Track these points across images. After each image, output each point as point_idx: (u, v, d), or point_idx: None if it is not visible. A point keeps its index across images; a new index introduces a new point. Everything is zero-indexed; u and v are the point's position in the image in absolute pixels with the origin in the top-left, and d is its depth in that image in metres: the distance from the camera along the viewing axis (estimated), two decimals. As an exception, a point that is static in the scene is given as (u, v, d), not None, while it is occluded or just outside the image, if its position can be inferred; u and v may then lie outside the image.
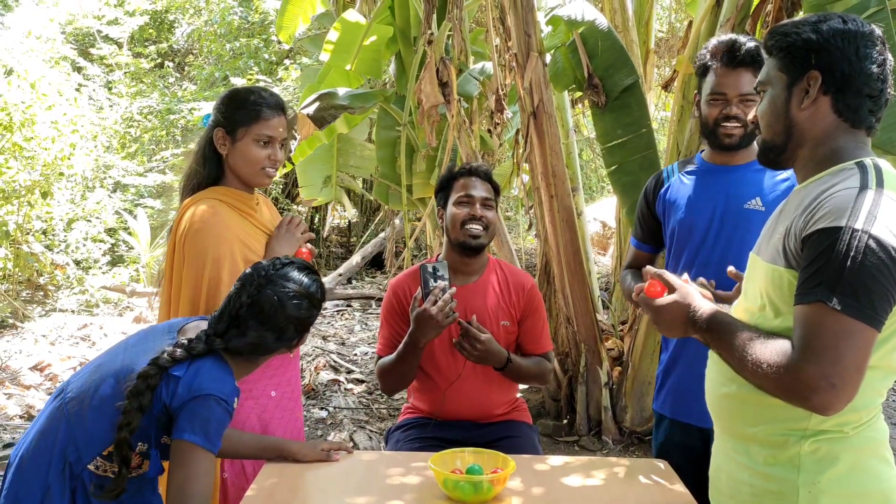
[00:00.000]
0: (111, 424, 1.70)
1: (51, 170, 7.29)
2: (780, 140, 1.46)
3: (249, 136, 2.16)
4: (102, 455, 1.74)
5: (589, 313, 4.39)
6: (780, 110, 1.45)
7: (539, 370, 2.57)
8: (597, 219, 9.37)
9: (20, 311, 6.70)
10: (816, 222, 1.29)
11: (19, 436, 4.34)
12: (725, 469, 1.50)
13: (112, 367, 1.79)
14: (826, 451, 1.35)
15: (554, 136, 4.16)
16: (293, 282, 1.85)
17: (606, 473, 2.03)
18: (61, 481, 1.73)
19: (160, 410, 1.73)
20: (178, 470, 1.67)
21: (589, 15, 4.08)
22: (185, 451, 1.67)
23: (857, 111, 1.40)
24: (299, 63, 9.87)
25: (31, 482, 1.74)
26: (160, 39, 11.57)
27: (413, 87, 4.52)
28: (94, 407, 1.74)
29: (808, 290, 1.26)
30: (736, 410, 1.45)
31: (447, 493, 1.80)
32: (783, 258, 1.35)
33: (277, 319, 1.81)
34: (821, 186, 1.36)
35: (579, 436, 4.43)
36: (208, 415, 1.69)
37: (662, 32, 8.21)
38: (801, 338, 1.26)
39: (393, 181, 5.10)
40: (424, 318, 2.30)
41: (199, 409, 1.69)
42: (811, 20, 1.43)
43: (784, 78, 1.44)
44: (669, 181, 2.31)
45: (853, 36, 1.38)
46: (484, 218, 2.50)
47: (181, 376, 1.72)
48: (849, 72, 1.38)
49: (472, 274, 2.56)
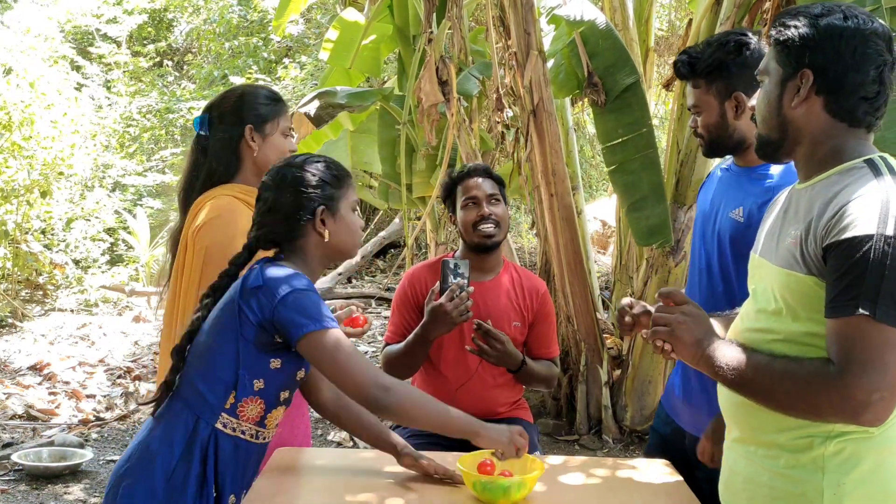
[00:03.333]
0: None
1: (50, 169, 7.27)
2: (776, 136, 1.41)
3: (278, 130, 2.17)
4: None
5: (589, 312, 4.39)
6: (773, 105, 1.40)
7: (548, 374, 2.58)
8: (597, 217, 9.36)
9: (19, 311, 6.69)
10: (843, 230, 1.24)
11: (19, 435, 4.34)
12: (741, 472, 1.45)
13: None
14: (851, 452, 1.31)
15: (554, 135, 4.16)
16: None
17: (608, 472, 2.03)
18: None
19: (254, 335, 1.68)
20: (325, 362, 1.66)
21: (589, 14, 4.07)
22: (314, 342, 1.64)
23: (852, 113, 1.35)
24: (298, 62, 9.87)
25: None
26: (159, 38, 11.54)
27: (413, 86, 4.51)
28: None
29: (846, 303, 1.22)
30: (756, 419, 1.39)
31: (476, 494, 1.79)
32: (802, 265, 1.31)
33: (305, 177, 1.77)
34: (832, 187, 1.32)
35: (579, 435, 4.43)
36: (304, 302, 1.65)
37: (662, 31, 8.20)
38: (843, 352, 1.23)
39: (393, 180, 5.09)
40: (439, 312, 2.31)
41: (291, 305, 1.64)
42: (812, 12, 1.35)
43: (780, 71, 1.38)
44: (710, 176, 2.25)
45: (852, 35, 1.32)
46: (493, 215, 2.49)
47: (260, 285, 1.67)
48: (842, 73, 1.32)
49: (487, 272, 2.56)
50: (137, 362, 5.65)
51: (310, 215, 1.76)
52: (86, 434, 4.42)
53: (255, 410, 1.72)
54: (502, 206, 2.53)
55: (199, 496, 1.69)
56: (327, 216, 1.77)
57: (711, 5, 3.88)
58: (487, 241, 2.49)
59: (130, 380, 5.29)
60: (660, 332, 1.41)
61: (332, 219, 1.78)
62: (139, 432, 1.79)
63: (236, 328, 1.68)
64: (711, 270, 2.04)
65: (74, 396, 4.95)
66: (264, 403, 1.73)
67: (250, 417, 1.72)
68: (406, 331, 2.51)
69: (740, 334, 1.45)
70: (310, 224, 1.76)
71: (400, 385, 1.69)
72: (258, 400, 1.72)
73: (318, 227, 1.76)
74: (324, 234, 1.77)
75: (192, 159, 2.21)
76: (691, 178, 4.01)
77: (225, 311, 1.72)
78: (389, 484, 1.91)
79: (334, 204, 1.78)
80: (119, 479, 1.72)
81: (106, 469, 3.99)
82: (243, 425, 1.72)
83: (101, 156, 8.38)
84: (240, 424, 1.72)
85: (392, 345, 2.54)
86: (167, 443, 1.70)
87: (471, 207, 2.50)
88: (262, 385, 1.71)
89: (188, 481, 1.68)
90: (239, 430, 1.72)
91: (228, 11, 10.67)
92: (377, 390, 1.65)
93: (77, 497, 3.67)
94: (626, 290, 4.89)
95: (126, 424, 4.62)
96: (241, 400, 1.70)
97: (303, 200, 1.76)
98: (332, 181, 1.79)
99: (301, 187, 1.76)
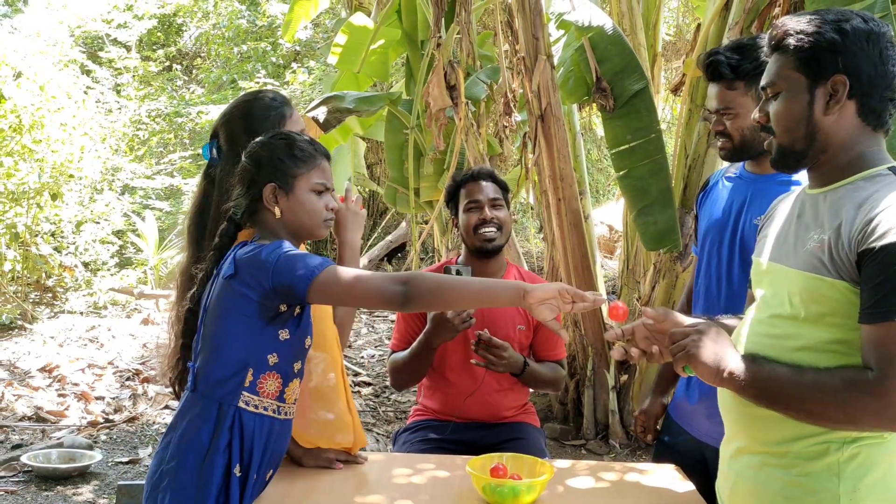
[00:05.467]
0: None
1: (60, 172, 7.31)
2: (802, 145, 1.39)
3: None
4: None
5: (596, 317, 4.39)
6: (802, 114, 1.38)
7: (554, 376, 2.59)
8: (603, 222, 9.35)
9: (29, 313, 6.73)
10: (880, 237, 1.24)
11: (28, 437, 4.37)
12: (750, 481, 1.43)
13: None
14: (865, 457, 1.31)
15: (562, 140, 4.17)
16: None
17: (617, 476, 2.03)
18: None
19: (257, 310, 1.69)
20: (342, 292, 1.67)
21: (598, 20, 4.08)
22: (323, 283, 1.64)
23: (881, 115, 1.36)
24: (306, 66, 9.90)
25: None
26: (168, 43, 11.60)
27: (421, 91, 4.53)
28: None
29: (885, 309, 1.23)
30: (768, 429, 1.39)
31: (486, 497, 1.79)
32: (831, 269, 1.31)
33: (261, 153, 1.79)
34: (859, 193, 1.33)
35: (586, 439, 4.43)
36: (293, 260, 1.66)
37: (670, 35, 8.20)
38: (883, 358, 1.23)
39: (401, 184, 5.11)
40: (441, 320, 2.31)
41: (284, 268, 1.65)
42: (829, 18, 1.35)
43: (803, 80, 1.37)
44: (711, 184, 2.22)
45: (877, 37, 1.34)
46: (495, 219, 2.49)
47: (245, 264, 1.69)
48: (874, 75, 1.34)
49: (490, 276, 2.54)
50: (146, 364, 5.67)
51: (258, 190, 1.77)
52: (95, 436, 4.45)
53: (274, 385, 1.75)
54: (504, 210, 2.53)
55: (227, 475, 1.70)
56: (280, 193, 1.77)
57: (720, 10, 3.88)
58: (488, 245, 2.49)
59: (139, 382, 5.31)
60: (678, 358, 1.42)
61: (286, 197, 1.78)
62: (163, 438, 1.79)
63: (240, 308, 1.70)
64: (732, 278, 2.02)
65: (83, 398, 4.97)
66: (281, 377, 1.75)
67: (270, 393, 1.75)
68: (411, 338, 2.51)
69: (754, 340, 1.43)
70: (261, 200, 1.78)
71: (417, 274, 1.68)
72: (275, 374, 1.74)
73: (268, 204, 1.77)
74: (274, 210, 1.77)
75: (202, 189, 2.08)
76: (699, 182, 4.00)
77: (223, 297, 1.73)
78: (398, 486, 1.92)
79: (289, 181, 1.78)
80: (156, 482, 1.73)
81: (115, 471, 4.01)
82: (265, 401, 1.74)
83: (110, 159, 8.42)
84: (262, 401, 1.74)
85: (397, 352, 2.55)
86: (196, 437, 1.71)
87: (473, 211, 2.50)
88: (277, 359, 1.73)
89: (215, 459, 1.69)
90: (262, 407, 1.74)
91: (237, 17, 10.72)
92: (399, 285, 1.63)
93: (86, 499, 3.69)
94: (633, 295, 4.89)
95: (135, 426, 4.63)
96: (258, 377, 1.72)
97: (255, 174, 1.78)
98: (289, 159, 1.79)
99: (256, 162, 1.79)
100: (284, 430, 1.82)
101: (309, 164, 1.80)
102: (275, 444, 1.78)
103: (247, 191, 1.79)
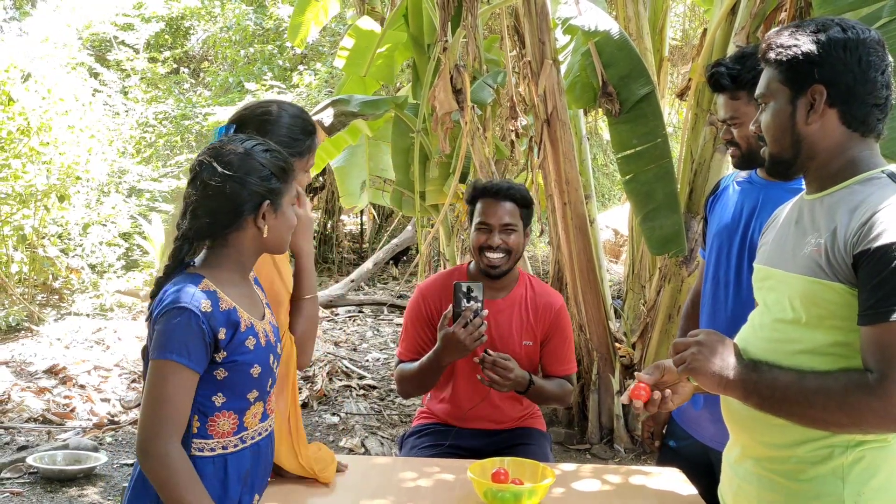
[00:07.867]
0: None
1: (67, 174, 7.35)
2: (789, 154, 1.42)
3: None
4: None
5: (601, 321, 4.39)
6: (786, 124, 1.41)
7: (561, 392, 2.52)
8: (609, 226, 9.36)
9: (35, 315, 6.75)
10: (875, 238, 1.25)
11: (34, 438, 4.38)
12: (754, 485, 1.43)
13: None
14: (869, 461, 1.32)
15: (567, 144, 4.17)
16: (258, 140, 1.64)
17: (621, 479, 2.03)
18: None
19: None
20: (146, 388, 1.51)
21: (604, 24, 4.08)
22: (151, 368, 1.51)
23: (866, 121, 1.37)
24: (313, 69, 9.92)
25: None
26: (176, 45, 11.64)
27: (427, 94, 4.54)
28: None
29: (884, 310, 1.23)
30: (772, 434, 1.39)
31: (487, 502, 1.79)
32: (829, 272, 1.32)
33: (253, 166, 1.57)
34: (853, 197, 1.34)
35: (591, 444, 4.42)
36: (165, 327, 1.50)
37: (676, 40, 8.20)
38: (883, 359, 1.23)
39: (406, 188, 5.12)
40: (452, 339, 2.23)
41: (162, 325, 1.51)
42: (809, 28, 1.38)
43: (787, 91, 1.40)
44: (721, 188, 2.22)
45: (854, 45, 1.35)
46: (503, 245, 2.40)
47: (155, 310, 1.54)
48: (853, 83, 1.35)
49: (499, 290, 2.50)
50: (151, 367, 5.67)
51: (253, 209, 1.58)
52: (100, 437, 4.46)
53: (228, 424, 1.59)
54: (516, 234, 2.43)
55: None
56: (269, 211, 1.60)
57: (726, 15, 3.88)
58: (491, 271, 2.42)
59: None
60: (680, 371, 1.43)
61: (274, 214, 1.61)
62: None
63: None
64: (741, 283, 2.02)
65: (89, 400, 4.99)
66: (235, 412, 1.59)
67: (226, 432, 1.59)
68: (419, 347, 2.47)
69: (758, 346, 1.44)
70: (251, 218, 1.59)
71: (172, 460, 1.48)
72: (226, 413, 1.58)
73: (258, 223, 1.59)
74: (263, 229, 1.60)
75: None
76: (705, 187, 4.00)
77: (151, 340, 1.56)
78: (401, 490, 1.93)
79: (278, 199, 1.61)
80: None
81: (120, 473, 4.02)
82: (223, 441, 1.58)
83: (117, 161, 8.45)
84: (218, 441, 1.58)
85: (405, 362, 2.49)
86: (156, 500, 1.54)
87: (482, 231, 2.43)
88: (224, 398, 1.58)
89: None
90: (220, 447, 1.58)
91: (244, 19, 10.75)
92: (147, 446, 1.48)
93: (91, 500, 3.70)
94: (639, 299, 4.89)
95: (140, 428, 4.64)
96: (206, 420, 1.57)
97: (249, 192, 1.57)
98: (280, 173, 1.61)
99: (248, 177, 1.57)
100: (261, 452, 1.67)
101: (290, 177, 1.65)
102: (253, 470, 1.65)
103: (230, 209, 1.57)
